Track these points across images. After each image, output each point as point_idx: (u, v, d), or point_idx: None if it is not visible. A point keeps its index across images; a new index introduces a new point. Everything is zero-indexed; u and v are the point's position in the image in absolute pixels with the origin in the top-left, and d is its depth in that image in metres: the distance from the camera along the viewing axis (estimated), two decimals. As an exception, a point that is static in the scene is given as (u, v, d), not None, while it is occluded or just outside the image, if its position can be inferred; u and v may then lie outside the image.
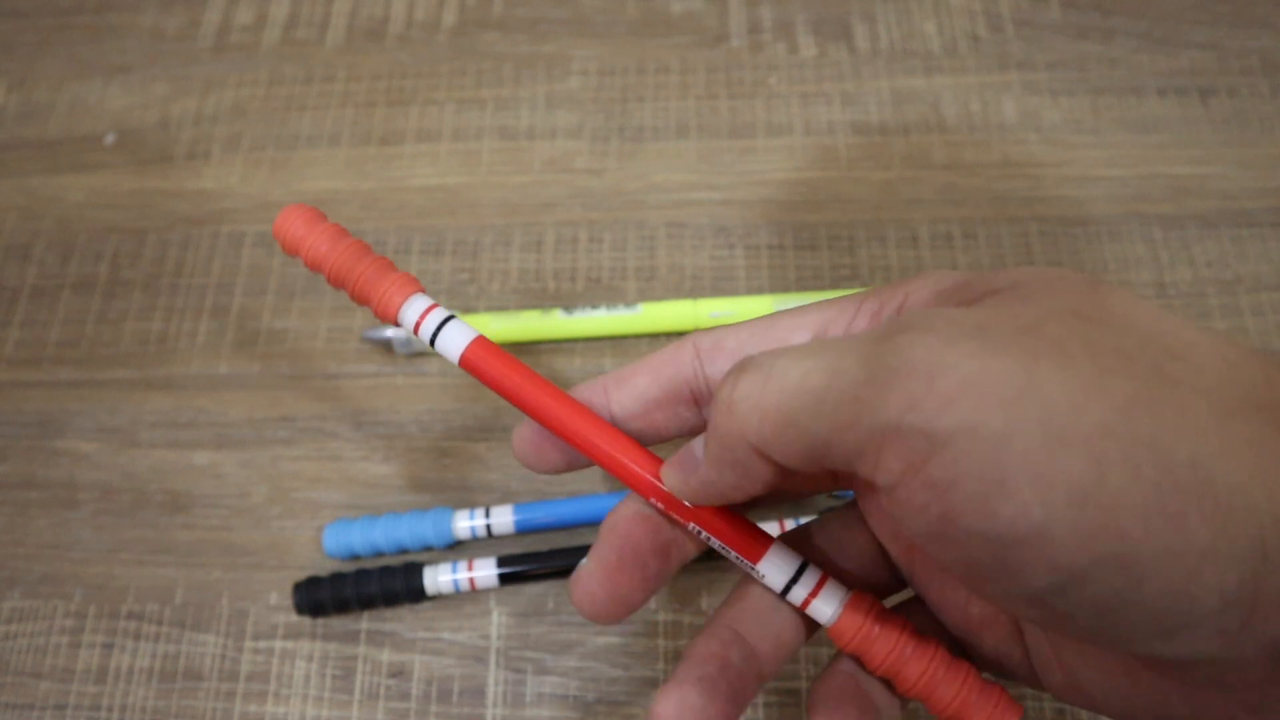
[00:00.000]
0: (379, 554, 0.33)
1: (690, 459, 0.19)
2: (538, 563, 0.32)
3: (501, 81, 0.43)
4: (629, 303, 0.37)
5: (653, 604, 0.32)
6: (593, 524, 0.33)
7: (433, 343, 0.20)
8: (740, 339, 0.20)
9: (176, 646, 0.33)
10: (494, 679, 0.31)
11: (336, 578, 0.32)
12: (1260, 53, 0.42)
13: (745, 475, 0.17)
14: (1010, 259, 0.37)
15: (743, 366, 0.17)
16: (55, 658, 0.33)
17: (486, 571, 0.32)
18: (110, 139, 0.43)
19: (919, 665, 0.19)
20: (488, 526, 0.33)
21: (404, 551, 0.33)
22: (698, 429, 0.21)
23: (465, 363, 0.20)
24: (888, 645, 0.19)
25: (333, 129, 0.42)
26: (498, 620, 0.32)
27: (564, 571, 0.32)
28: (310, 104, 0.43)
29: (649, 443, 0.21)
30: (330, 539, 0.33)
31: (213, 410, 0.36)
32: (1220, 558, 0.13)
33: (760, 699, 0.31)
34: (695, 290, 0.38)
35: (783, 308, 0.36)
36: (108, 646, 0.33)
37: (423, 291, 0.21)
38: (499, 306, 0.38)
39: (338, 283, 0.21)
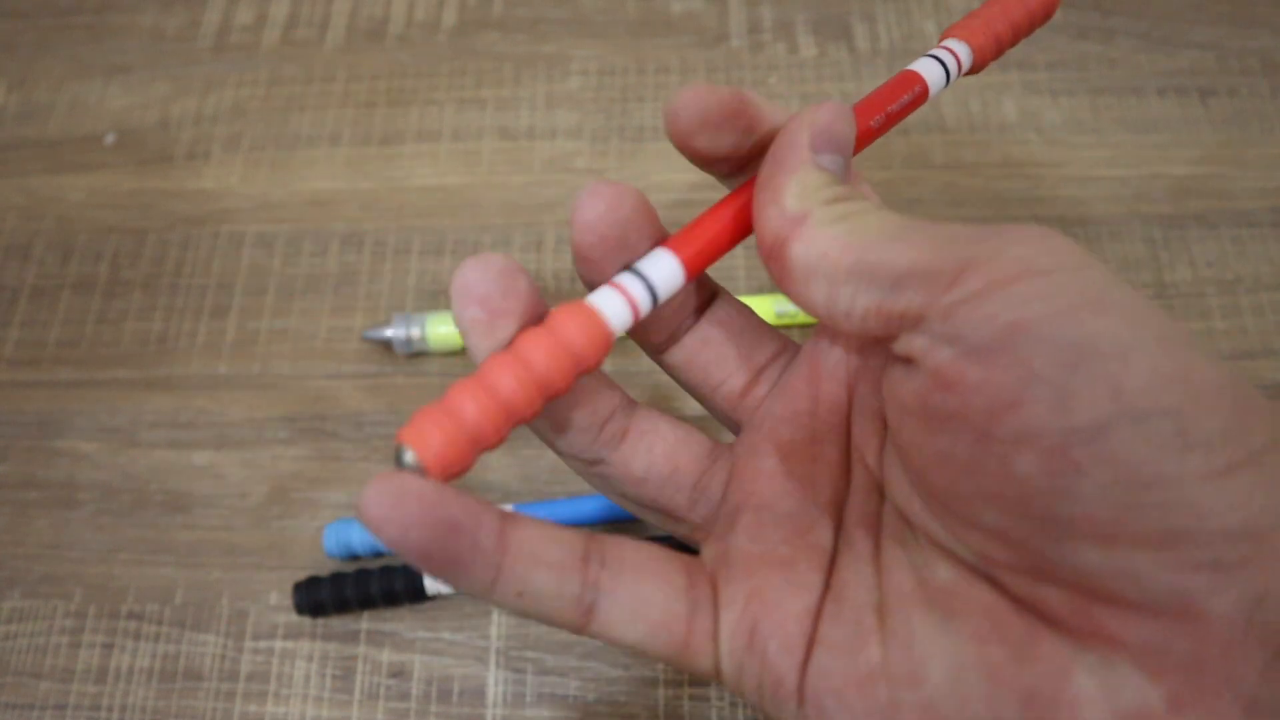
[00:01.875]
0: (379, 554, 0.33)
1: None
2: (538, 563, 0.32)
3: (501, 81, 0.43)
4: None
5: (653, 604, 0.32)
6: (593, 524, 0.33)
7: (655, 301, 0.18)
8: None
9: (176, 646, 0.33)
10: (494, 679, 0.31)
11: (336, 578, 0.32)
12: (1260, 53, 0.42)
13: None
14: (1010, 259, 0.37)
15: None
16: (55, 658, 0.33)
17: (486, 571, 0.32)
18: (110, 139, 0.43)
19: None
20: (488, 526, 0.33)
21: (404, 551, 0.33)
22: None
23: (693, 273, 0.19)
24: None
25: (333, 129, 0.42)
26: (498, 620, 0.32)
27: (564, 571, 0.32)
28: (310, 104, 0.43)
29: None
30: (330, 539, 0.33)
31: (213, 410, 0.36)
32: (1264, 467, 0.13)
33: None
34: (695, 290, 0.38)
35: (783, 308, 0.36)
36: (108, 646, 0.33)
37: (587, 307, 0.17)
38: (499, 306, 0.38)
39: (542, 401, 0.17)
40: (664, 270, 0.18)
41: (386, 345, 0.36)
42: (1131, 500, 0.13)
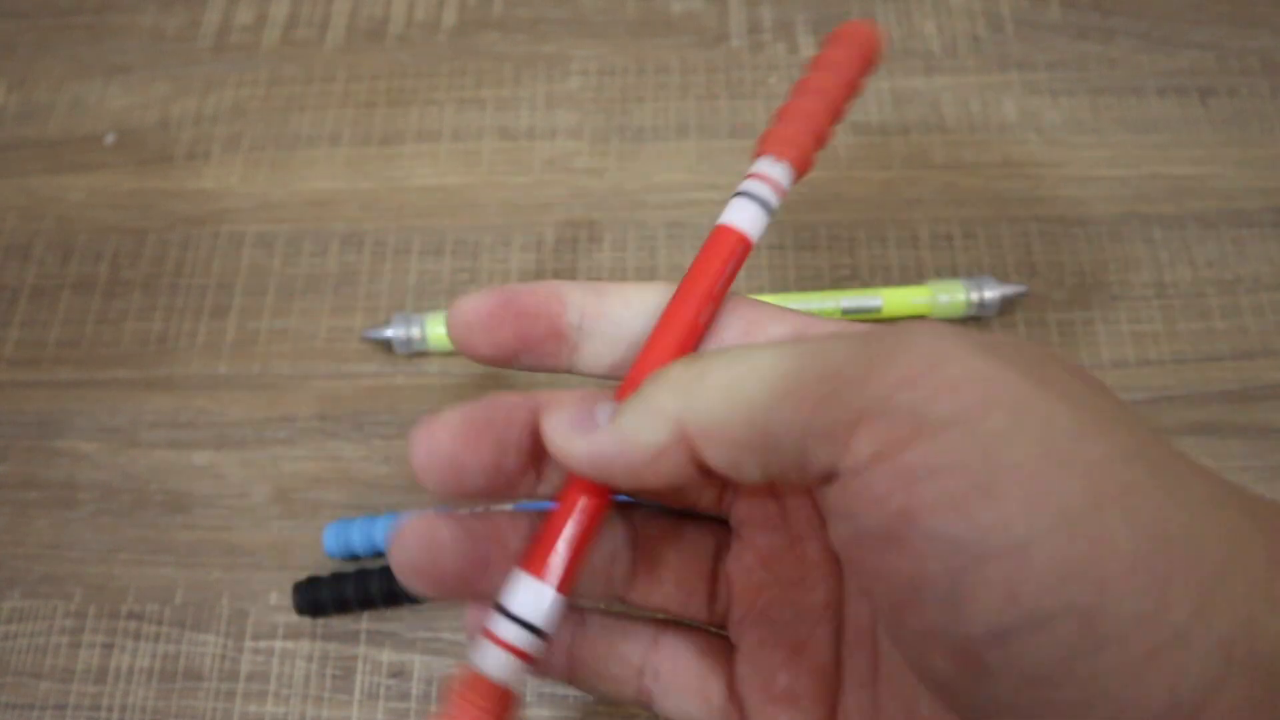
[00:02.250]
0: (379, 554, 0.33)
1: (586, 418, 0.16)
2: (538, 563, 0.32)
3: (501, 81, 0.43)
4: None
5: (653, 604, 0.32)
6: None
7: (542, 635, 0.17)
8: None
9: (176, 646, 0.33)
10: (494, 679, 0.31)
11: (336, 578, 0.32)
12: (1260, 53, 0.42)
13: (648, 459, 0.15)
14: (1010, 259, 0.37)
15: (706, 353, 0.16)
16: (55, 658, 0.33)
17: (486, 571, 0.32)
18: (110, 139, 0.43)
19: None
20: (488, 526, 0.33)
21: (404, 551, 0.33)
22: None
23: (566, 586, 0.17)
24: None
25: (333, 129, 0.42)
26: (498, 620, 0.32)
27: (564, 571, 0.32)
28: (310, 104, 0.43)
29: None
30: (330, 539, 0.33)
31: (213, 410, 0.36)
32: (1191, 643, 0.12)
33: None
34: (695, 290, 0.38)
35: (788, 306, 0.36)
36: (108, 646, 0.33)
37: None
38: (499, 306, 0.38)
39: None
40: (535, 601, 0.17)
41: (386, 345, 0.36)
42: (1046, 697, 0.12)
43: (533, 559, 0.17)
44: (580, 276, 0.38)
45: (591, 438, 0.16)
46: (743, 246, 0.18)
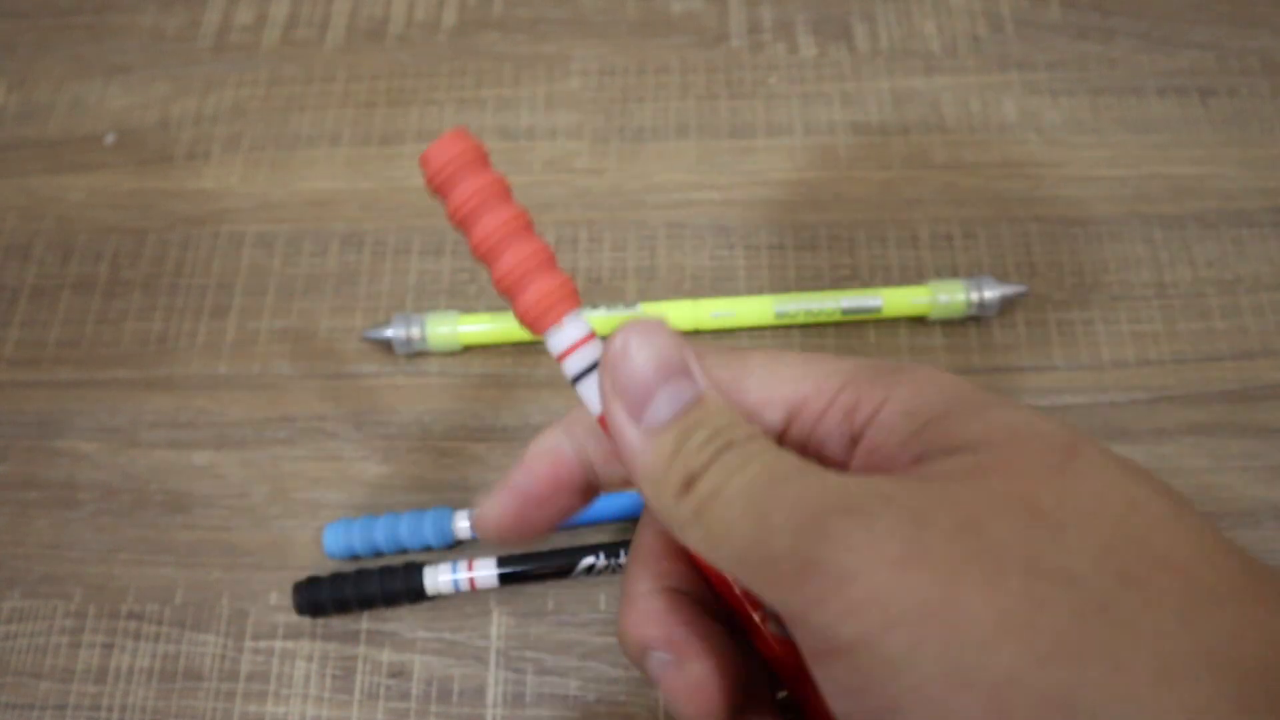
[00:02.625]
0: (379, 554, 0.33)
1: (641, 406, 0.16)
2: (538, 563, 0.32)
3: (501, 81, 0.43)
4: (629, 303, 0.37)
5: (653, 604, 0.32)
6: (593, 524, 0.33)
7: (575, 381, 0.17)
8: (731, 371, 0.18)
9: (176, 646, 0.33)
10: (494, 679, 0.31)
11: (336, 578, 0.32)
12: (1260, 53, 0.42)
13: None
14: (1010, 259, 0.37)
15: (699, 479, 0.15)
16: (55, 658, 0.33)
17: (486, 571, 0.32)
18: (110, 139, 0.43)
19: None
20: (488, 526, 0.33)
21: (404, 551, 0.33)
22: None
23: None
24: None
25: (333, 129, 0.42)
26: (498, 620, 0.32)
27: (564, 571, 0.32)
28: (310, 104, 0.43)
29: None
30: (330, 539, 0.33)
31: (213, 410, 0.36)
32: None
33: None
34: (695, 290, 0.38)
35: (782, 308, 0.36)
36: (108, 646, 0.33)
37: (581, 308, 0.17)
38: (499, 307, 0.38)
39: (484, 255, 0.17)
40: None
41: (386, 345, 0.36)
42: None
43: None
44: (580, 276, 0.38)
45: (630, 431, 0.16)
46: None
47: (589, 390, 0.17)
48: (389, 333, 0.36)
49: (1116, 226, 0.38)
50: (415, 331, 0.36)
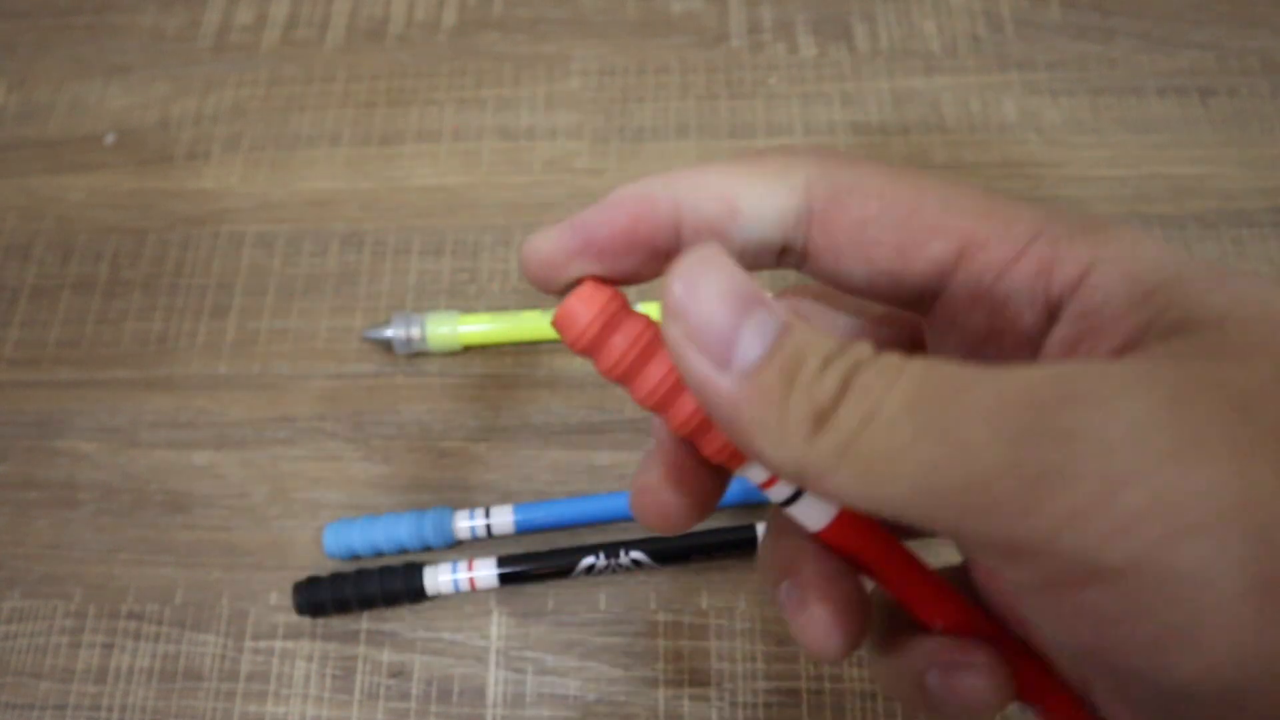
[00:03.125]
0: (379, 554, 0.33)
1: (728, 332, 0.13)
2: (538, 563, 0.32)
3: (501, 81, 0.43)
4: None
5: (652, 603, 0.32)
6: (593, 524, 0.33)
7: (786, 504, 0.16)
8: (867, 211, 0.15)
9: (176, 646, 0.33)
10: (494, 679, 0.31)
11: (336, 578, 0.32)
12: (1260, 53, 0.42)
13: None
14: (1010, 259, 0.37)
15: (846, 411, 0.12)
16: (55, 658, 0.33)
17: (486, 571, 0.32)
18: (110, 139, 0.43)
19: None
20: (488, 526, 0.33)
21: (404, 551, 0.33)
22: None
23: (828, 536, 0.16)
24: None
25: (333, 129, 0.42)
26: (498, 620, 0.32)
27: (564, 571, 0.32)
28: (310, 104, 0.43)
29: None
30: (330, 539, 0.33)
31: (213, 410, 0.36)
32: None
33: (760, 699, 0.31)
34: (695, 290, 0.38)
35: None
36: (108, 646, 0.33)
37: None
38: (499, 306, 0.38)
39: (655, 406, 0.16)
40: (815, 510, 0.17)
41: (386, 345, 0.36)
42: None
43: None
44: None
45: (711, 384, 0.13)
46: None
47: (805, 511, 0.16)
48: (389, 333, 0.36)
49: (1116, 226, 0.38)
50: (415, 331, 0.36)
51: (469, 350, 0.37)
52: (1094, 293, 0.14)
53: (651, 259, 0.16)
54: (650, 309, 0.17)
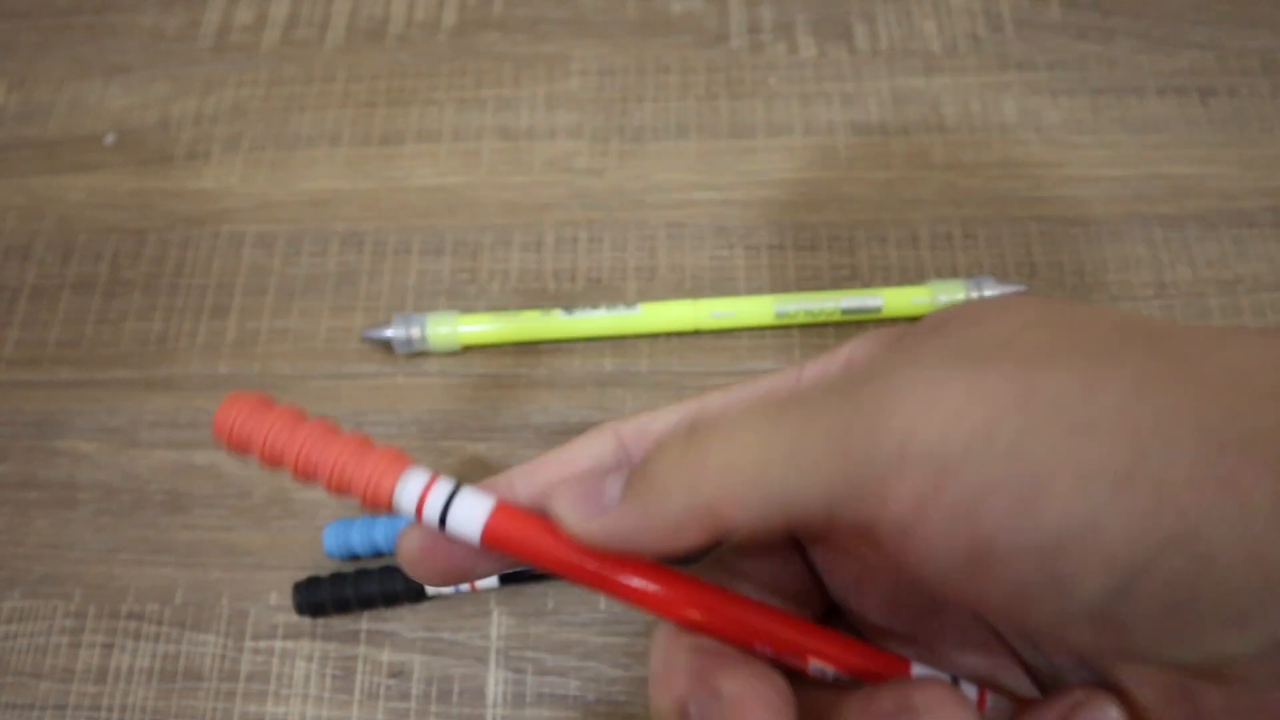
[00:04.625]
0: (379, 554, 0.33)
1: (595, 496, 0.16)
2: (538, 563, 0.32)
3: (501, 81, 0.43)
4: (629, 303, 0.37)
5: (653, 604, 0.32)
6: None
7: (443, 524, 0.17)
8: (668, 423, 0.18)
9: (176, 646, 0.33)
10: (494, 679, 0.31)
11: (336, 578, 0.32)
12: (1260, 53, 0.42)
13: (671, 532, 0.15)
14: (1010, 259, 0.37)
15: (700, 426, 0.15)
16: (55, 658, 0.33)
17: (486, 571, 0.32)
18: (110, 139, 0.43)
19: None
20: (488, 526, 0.33)
21: (404, 551, 0.33)
22: None
23: (489, 538, 0.17)
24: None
25: (333, 129, 0.42)
26: (498, 620, 0.32)
27: (564, 571, 0.32)
28: (310, 104, 0.43)
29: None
30: (330, 539, 0.33)
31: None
32: None
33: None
34: (695, 290, 0.38)
35: (782, 308, 0.36)
36: (108, 646, 0.33)
37: (414, 464, 0.17)
38: (499, 306, 0.38)
39: (308, 474, 0.17)
40: (469, 512, 0.17)
41: (386, 345, 0.36)
42: (1190, 615, 0.13)
43: (510, 514, 0.17)
44: (580, 276, 0.38)
45: (607, 520, 0.16)
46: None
47: (462, 517, 0.17)
48: (389, 333, 0.36)
49: (1116, 226, 0.38)
50: (415, 331, 0.36)
51: (469, 350, 0.37)
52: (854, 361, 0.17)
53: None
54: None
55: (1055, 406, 0.13)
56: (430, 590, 0.32)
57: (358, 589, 0.32)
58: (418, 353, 0.37)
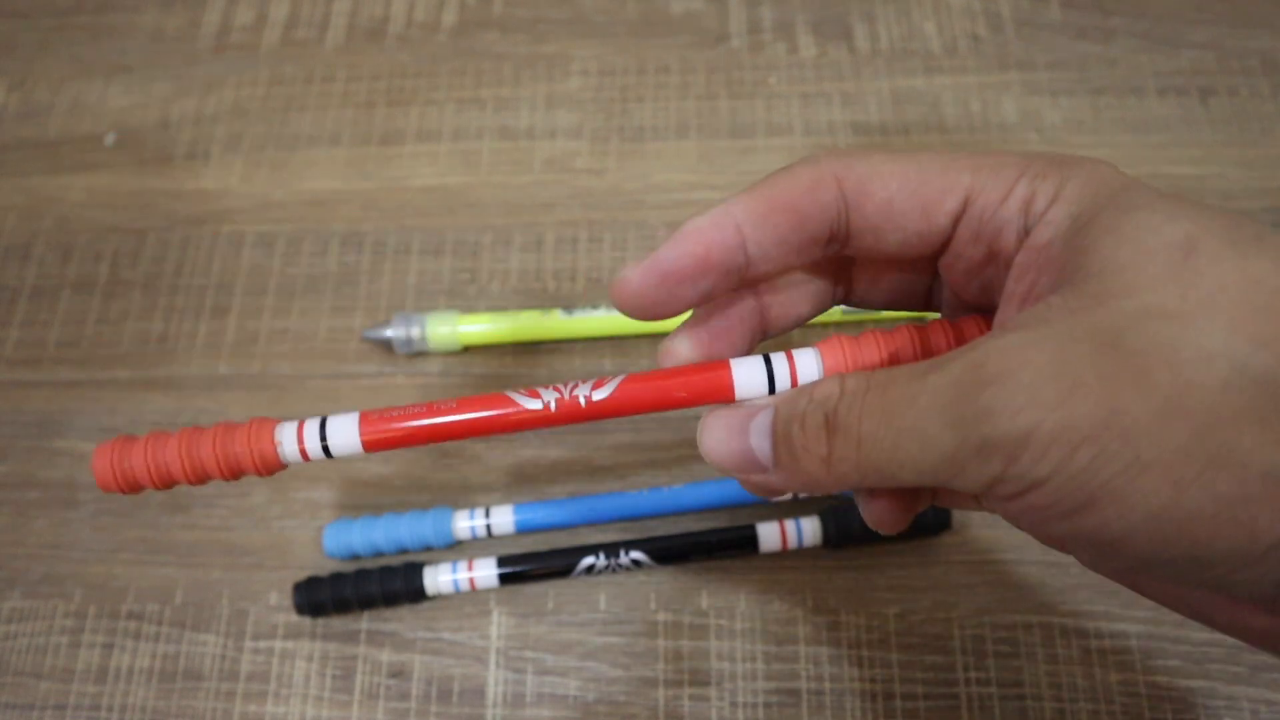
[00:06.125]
0: (379, 554, 0.33)
1: (740, 433, 0.19)
2: (538, 563, 0.32)
3: (501, 81, 0.43)
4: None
5: (652, 603, 0.32)
6: (593, 524, 0.33)
7: (327, 452, 0.20)
8: (890, 190, 0.19)
9: (176, 646, 0.33)
10: (494, 679, 0.31)
11: (336, 578, 0.32)
12: (1260, 53, 0.42)
13: (818, 486, 0.18)
14: (1010, 259, 0.37)
15: (838, 424, 0.17)
16: (55, 658, 0.33)
17: (486, 571, 0.32)
18: (110, 139, 0.43)
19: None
20: (488, 526, 0.33)
21: (404, 551, 0.33)
22: (816, 264, 0.21)
23: (370, 444, 0.20)
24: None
25: (333, 129, 0.42)
26: (498, 620, 0.32)
27: (564, 571, 0.32)
28: (310, 104, 0.43)
29: (761, 278, 0.21)
30: (330, 539, 0.33)
31: (213, 410, 0.36)
32: None
33: (760, 699, 0.31)
34: (695, 290, 0.38)
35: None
36: (108, 646, 0.33)
37: (280, 421, 0.20)
38: (499, 306, 0.38)
39: (198, 473, 0.19)
40: (344, 428, 0.20)
41: (386, 345, 0.36)
42: (1191, 580, 0.16)
43: (377, 417, 0.20)
44: (580, 276, 0.38)
45: (755, 477, 0.19)
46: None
47: (340, 441, 0.20)
48: (389, 333, 0.36)
49: (1116, 226, 0.38)
50: (415, 331, 0.36)
51: (469, 350, 0.37)
52: (1048, 226, 0.18)
53: (725, 278, 0.20)
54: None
55: (1124, 442, 0.15)
56: (430, 590, 0.32)
57: (358, 589, 0.32)
58: (418, 353, 0.37)
